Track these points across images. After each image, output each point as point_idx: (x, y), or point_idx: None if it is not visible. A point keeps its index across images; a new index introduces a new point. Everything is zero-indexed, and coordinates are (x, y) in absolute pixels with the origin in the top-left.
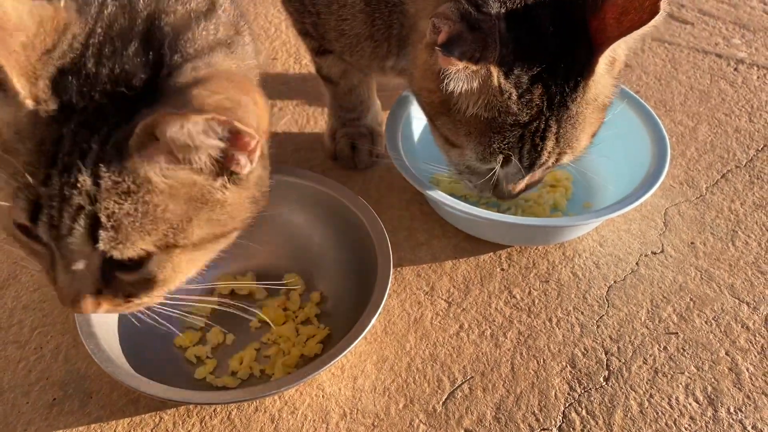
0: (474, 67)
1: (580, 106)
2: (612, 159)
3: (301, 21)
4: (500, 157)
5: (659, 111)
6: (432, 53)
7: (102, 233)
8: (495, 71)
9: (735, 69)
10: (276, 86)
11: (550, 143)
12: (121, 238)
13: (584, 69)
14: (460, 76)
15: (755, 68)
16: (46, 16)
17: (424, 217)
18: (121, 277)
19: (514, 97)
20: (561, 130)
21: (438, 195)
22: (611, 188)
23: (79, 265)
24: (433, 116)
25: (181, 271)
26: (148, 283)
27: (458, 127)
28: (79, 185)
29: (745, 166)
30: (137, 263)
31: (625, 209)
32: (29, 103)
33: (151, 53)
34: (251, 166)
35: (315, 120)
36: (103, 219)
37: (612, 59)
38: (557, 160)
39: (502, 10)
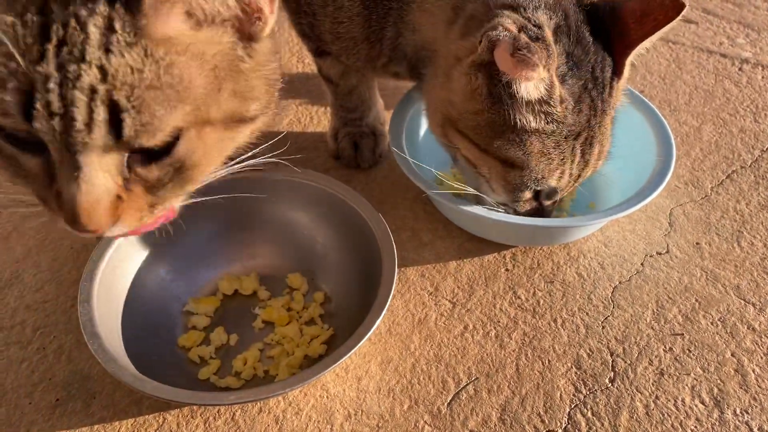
0: (544, 74)
1: (612, 111)
2: (616, 159)
3: (298, 22)
4: (558, 173)
5: (664, 111)
6: (476, 74)
7: (125, 117)
8: (556, 80)
9: (740, 69)
10: None
11: (596, 151)
12: (146, 118)
13: (614, 74)
14: (530, 87)
15: (760, 68)
16: None
17: (427, 217)
18: (143, 175)
19: (571, 107)
20: (601, 137)
21: (443, 196)
22: (616, 188)
23: (95, 167)
24: (483, 143)
25: (211, 155)
26: (176, 175)
27: (515, 146)
28: (87, 57)
29: (750, 166)
30: (164, 149)
31: (630, 210)
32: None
33: None
34: (273, 18)
35: (318, 119)
36: (122, 99)
37: (631, 63)
38: (595, 168)
39: (552, 22)
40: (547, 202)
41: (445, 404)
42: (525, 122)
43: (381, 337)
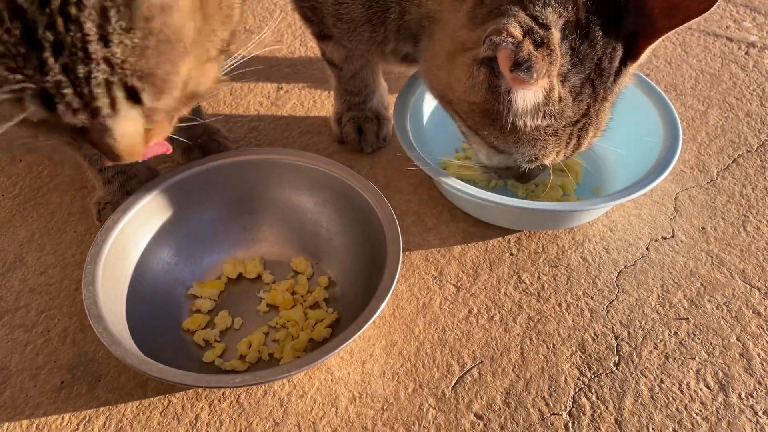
0: (542, 83)
1: (616, 95)
2: (622, 143)
3: (300, 5)
4: (552, 156)
5: (669, 95)
6: (479, 68)
7: (142, 93)
8: (557, 83)
9: (746, 53)
10: (282, 69)
11: (591, 133)
12: (159, 84)
13: (627, 59)
14: (528, 95)
15: (767, 52)
16: None
17: (432, 202)
18: (160, 107)
19: (570, 102)
20: (597, 121)
21: (448, 180)
22: (621, 172)
23: (123, 124)
24: (474, 127)
25: (211, 80)
26: (186, 101)
27: (507, 136)
28: (92, 55)
29: (756, 150)
30: None
31: (636, 194)
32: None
33: None
34: None
35: (322, 103)
36: (135, 81)
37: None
38: (590, 144)
39: (560, 21)
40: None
41: (450, 387)
42: (521, 124)
43: (385, 320)
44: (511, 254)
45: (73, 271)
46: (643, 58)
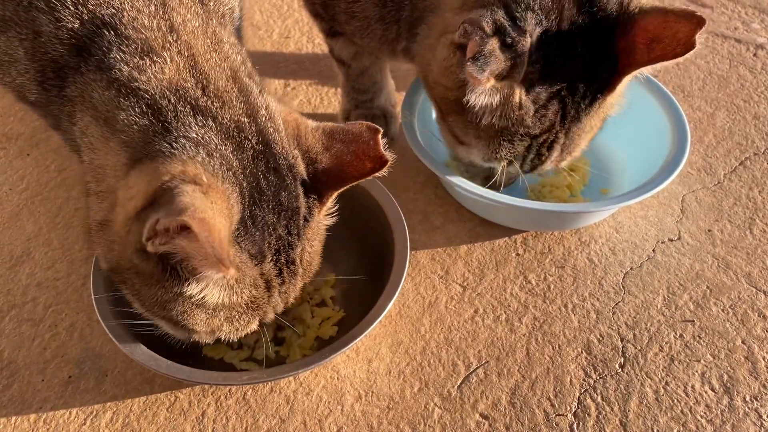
0: (499, 85)
1: (591, 120)
2: (629, 144)
3: (311, 2)
4: (505, 162)
5: (677, 96)
6: (455, 52)
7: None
8: (518, 89)
9: (754, 54)
10: (289, 65)
11: (555, 153)
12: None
13: (605, 87)
14: (484, 92)
15: None
16: (222, 207)
17: (438, 201)
18: None
19: (531, 112)
20: (567, 141)
21: (455, 179)
22: (628, 174)
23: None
24: (444, 112)
25: None
26: None
27: (468, 128)
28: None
29: (763, 153)
30: None
31: (643, 196)
32: (233, 273)
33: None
34: None
35: (329, 100)
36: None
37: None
38: (557, 164)
39: (538, 29)
40: (503, 179)
41: (455, 387)
42: (479, 115)
43: (391, 319)
44: (518, 254)
45: (80, 266)
46: (619, 89)
